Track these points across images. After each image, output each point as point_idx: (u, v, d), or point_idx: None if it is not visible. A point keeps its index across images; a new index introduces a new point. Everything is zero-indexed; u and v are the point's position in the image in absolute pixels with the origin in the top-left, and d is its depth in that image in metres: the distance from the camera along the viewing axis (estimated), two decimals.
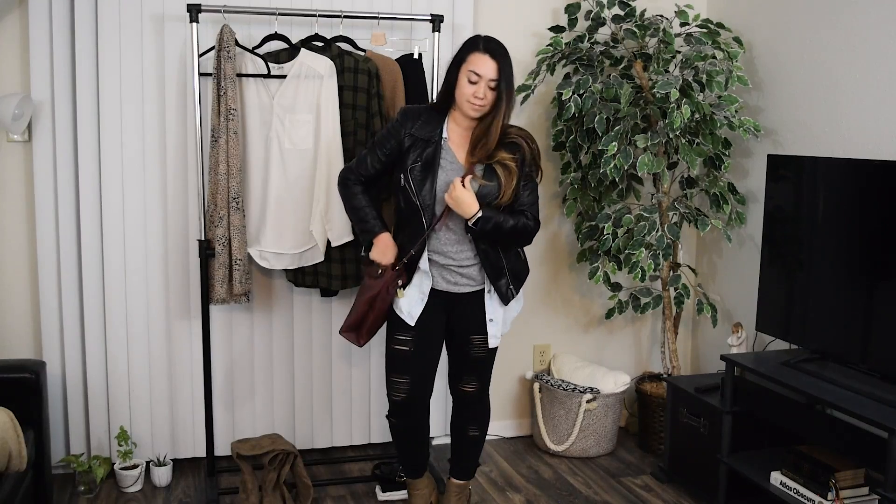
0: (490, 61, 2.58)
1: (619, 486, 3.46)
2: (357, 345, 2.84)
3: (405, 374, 2.78)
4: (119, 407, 3.39)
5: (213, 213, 3.11)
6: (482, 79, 2.58)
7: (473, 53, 2.60)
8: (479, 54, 2.59)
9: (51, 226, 3.26)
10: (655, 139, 3.33)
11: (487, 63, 2.57)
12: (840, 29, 3.18)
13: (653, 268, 3.46)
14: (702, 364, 4.07)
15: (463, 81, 2.60)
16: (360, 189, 2.77)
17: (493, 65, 2.58)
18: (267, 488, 3.06)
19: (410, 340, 2.76)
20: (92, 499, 3.25)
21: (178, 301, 3.39)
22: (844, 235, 2.87)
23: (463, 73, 2.60)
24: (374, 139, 2.81)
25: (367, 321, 2.79)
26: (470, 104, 2.61)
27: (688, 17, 3.51)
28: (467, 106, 2.61)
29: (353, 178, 2.78)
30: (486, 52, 2.59)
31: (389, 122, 2.78)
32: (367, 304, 2.76)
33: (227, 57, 3.02)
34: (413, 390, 2.80)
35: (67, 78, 3.20)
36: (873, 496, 2.77)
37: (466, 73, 2.59)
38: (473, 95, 2.59)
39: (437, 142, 2.68)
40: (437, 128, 2.69)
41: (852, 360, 2.87)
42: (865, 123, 3.08)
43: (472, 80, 2.59)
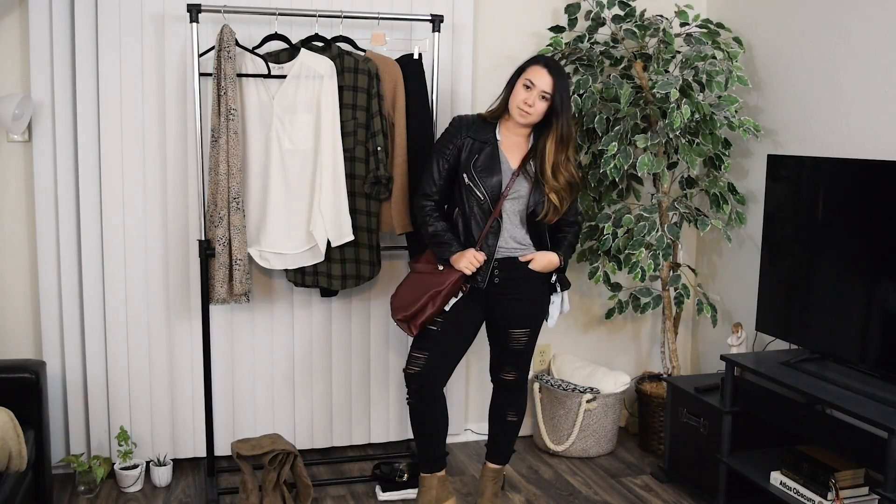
0: (546, 75, 2.79)
1: (619, 486, 3.46)
2: (410, 334, 2.93)
3: (425, 350, 2.92)
4: (119, 407, 3.39)
5: (213, 212, 3.11)
6: (535, 87, 2.79)
7: (533, 66, 2.83)
8: (539, 67, 2.81)
9: (51, 226, 3.26)
10: (655, 139, 3.33)
11: (544, 75, 2.79)
12: (840, 29, 3.18)
13: (653, 268, 3.46)
14: (702, 364, 4.07)
15: (518, 89, 2.82)
16: (436, 214, 2.92)
17: (548, 78, 2.79)
18: (267, 488, 3.06)
19: (441, 322, 2.90)
20: (92, 499, 3.25)
21: (178, 301, 3.39)
22: (844, 235, 2.87)
23: (520, 82, 2.83)
24: (432, 154, 2.95)
25: (425, 314, 2.88)
26: (519, 110, 2.81)
27: (688, 17, 3.51)
28: (517, 112, 2.82)
29: (430, 202, 2.93)
30: (545, 67, 2.81)
31: (444, 133, 2.94)
32: (430, 298, 2.87)
33: (228, 57, 3.02)
34: (427, 367, 2.91)
35: (67, 78, 3.20)
36: (873, 496, 2.77)
37: (523, 81, 2.82)
38: (524, 101, 2.79)
39: (493, 143, 2.88)
40: (491, 132, 2.90)
41: (852, 360, 2.87)
42: (865, 123, 3.08)
43: (526, 86, 2.80)
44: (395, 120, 3.27)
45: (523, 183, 2.88)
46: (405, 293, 2.94)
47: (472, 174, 2.85)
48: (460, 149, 2.88)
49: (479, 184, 2.85)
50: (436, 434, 3.04)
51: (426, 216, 2.92)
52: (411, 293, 2.91)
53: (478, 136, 2.88)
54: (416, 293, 2.90)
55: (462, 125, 2.90)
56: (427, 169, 2.93)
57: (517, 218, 2.89)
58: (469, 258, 2.84)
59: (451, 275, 2.86)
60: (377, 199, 3.30)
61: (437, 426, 3.04)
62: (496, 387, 3.13)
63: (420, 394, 2.95)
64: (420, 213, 2.94)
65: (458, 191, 2.90)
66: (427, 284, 2.89)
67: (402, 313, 2.91)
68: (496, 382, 3.12)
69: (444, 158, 2.89)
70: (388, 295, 3.60)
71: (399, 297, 2.95)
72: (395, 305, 2.95)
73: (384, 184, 3.25)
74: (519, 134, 2.90)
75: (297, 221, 3.23)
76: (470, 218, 2.88)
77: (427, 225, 2.92)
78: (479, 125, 2.90)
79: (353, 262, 3.31)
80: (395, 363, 3.68)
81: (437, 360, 2.93)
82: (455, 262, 2.86)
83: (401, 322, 2.92)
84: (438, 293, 2.86)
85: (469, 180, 2.86)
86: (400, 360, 3.68)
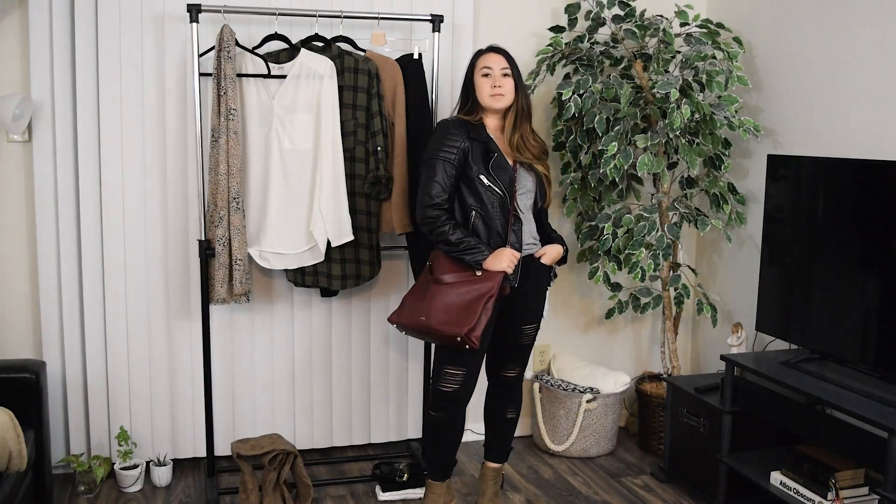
0: (496, 55, 2.90)
1: (619, 486, 3.46)
2: (475, 347, 2.76)
3: (462, 367, 2.85)
4: (119, 407, 3.39)
5: (213, 212, 3.11)
6: (494, 69, 2.86)
7: (480, 56, 2.91)
8: (486, 54, 2.91)
9: (51, 226, 3.26)
10: (655, 139, 3.33)
11: (495, 57, 2.89)
12: (840, 29, 3.18)
13: (653, 268, 3.46)
14: (702, 364, 4.07)
15: (480, 81, 2.87)
16: (451, 223, 2.80)
17: (499, 57, 2.89)
18: (267, 488, 3.06)
19: None
20: (92, 499, 3.25)
21: (178, 301, 3.39)
22: (844, 235, 2.87)
23: (476, 75, 2.88)
24: (428, 162, 2.82)
25: (482, 324, 2.76)
26: (492, 97, 2.85)
27: (688, 17, 3.51)
28: (490, 99, 2.86)
29: (440, 212, 2.79)
30: (490, 51, 2.92)
31: (439, 139, 2.84)
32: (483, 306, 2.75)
33: (228, 57, 3.02)
34: (464, 385, 2.86)
35: (67, 78, 3.20)
36: (873, 496, 2.77)
37: (480, 72, 2.88)
38: (492, 86, 2.84)
39: (492, 142, 2.88)
40: (483, 131, 2.88)
41: (852, 360, 2.87)
42: (865, 123, 3.08)
43: (485, 74, 2.86)
44: (395, 120, 3.28)
45: (525, 175, 2.89)
46: (450, 307, 2.77)
47: (490, 174, 2.81)
48: (465, 152, 2.81)
49: (497, 181, 2.82)
50: (455, 445, 3.02)
51: (442, 225, 2.78)
52: (458, 304, 2.76)
53: (478, 137, 2.84)
54: (465, 301, 2.76)
55: (459, 128, 2.84)
56: (431, 177, 2.80)
57: (529, 212, 2.92)
58: (508, 257, 2.78)
59: (495, 277, 2.77)
60: (377, 199, 3.30)
61: (458, 438, 3.01)
62: (495, 385, 3.10)
63: (451, 410, 2.90)
64: (432, 223, 2.80)
65: (471, 194, 2.83)
66: (472, 291, 2.78)
67: (466, 326, 2.72)
68: (496, 380, 3.09)
69: (451, 164, 2.80)
70: (388, 295, 3.61)
71: (441, 315, 2.77)
72: (446, 320, 2.75)
73: (384, 184, 3.25)
74: (498, 129, 2.92)
75: (297, 221, 3.23)
76: (493, 218, 2.82)
77: (447, 234, 2.78)
78: (471, 127, 2.86)
79: (353, 262, 3.31)
80: (395, 363, 3.68)
81: (472, 377, 2.88)
82: (494, 264, 2.77)
83: (465, 337, 2.72)
84: (490, 297, 2.76)
85: (489, 180, 2.81)
86: (400, 360, 3.68)
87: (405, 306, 2.91)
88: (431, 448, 3.03)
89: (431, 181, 2.80)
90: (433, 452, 3.03)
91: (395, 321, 2.91)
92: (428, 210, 2.80)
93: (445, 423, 2.93)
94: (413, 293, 2.92)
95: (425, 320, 2.78)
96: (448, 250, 2.81)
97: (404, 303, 2.93)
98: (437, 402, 2.90)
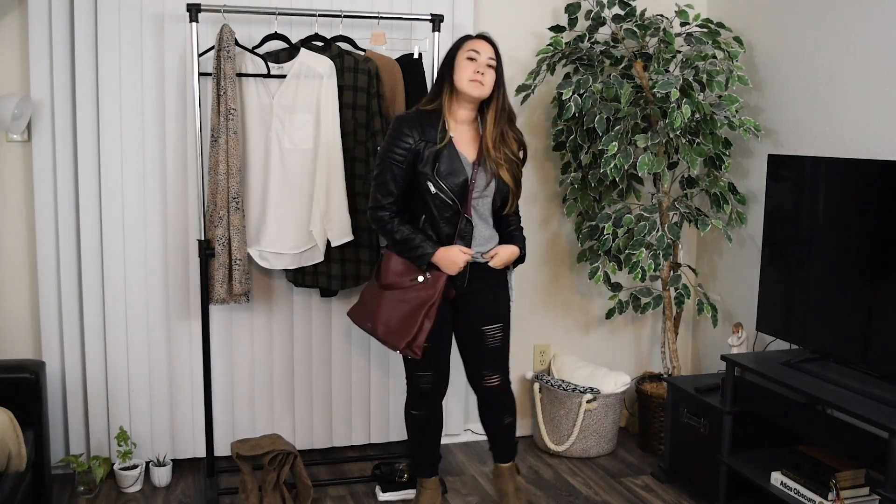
0: (487, 44, 2.76)
1: (619, 486, 3.46)
2: (417, 357, 2.78)
3: (428, 369, 2.91)
4: (119, 407, 3.38)
5: (212, 212, 3.11)
6: (481, 55, 2.72)
7: (471, 40, 2.78)
8: (477, 39, 2.78)
9: (51, 226, 3.25)
10: (655, 139, 3.33)
11: (485, 45, 2.76)
12: (840, 29, 3.18)
13: (653, 268, 3.46)
14: (702, 364, 4.07)
15: (462, 64, 2.72)
16: (397, 220, 2.76)
17: (489, 47, 2.76)
18: (267, 488, 3.06)
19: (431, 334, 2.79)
20: (92, 499, 3.25)
21: (178, 301, 3.39)
22: (844, 235, 2.87)
23: (460, 57, 2.73)
24: (380, 161, 2.77)
25: (424, 332, 2.75)
26: (471, 83, 2.71)
27: (688, 16, 3.51)
28: (469, 84, 2.71)
29: (388, 212, 2.75)
30: (483, 39, 2.78)
31: (390, 137, 2.75)
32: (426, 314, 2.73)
33: (227, 57, 3.02)
34: (434, 383, 2.94)
35: (67, 78, 3.20)
36: (874, 496, 2.77)
37: (465, 53, 2.73)
38: (474, 72, 2.70)
39: (447, 141, 2.74)
40: (440, 129, 2.75)
41: (852, 360, 2.87)
42: (865, 123, 3.08)
43: (470, 58, 2.72)
44: None
45: (483, 177, 2.78)
46: (391, 315, 2.76)
47: (436, 181, 2.71)
48: (416, 154, 2.71)
49: (445, 189, 2.71)
50: (438, 439, 3.09)
51: (386, 224, 2.74)
52: (399, 313, 2.75)
53: (429, 137, 2.71)
54: (405, 312, 2.75)
55: (408, 127, 2.72)
56: (379, 180, 2.74)
57: (486, 215, 2.83)
58: (455, 255, 2.73)
59: (437, 281, 2.74)
60: None
61: (439, 433, 3.09)
62: (482, 396, 2.99)
63: (430, 408, 2.99)
64: (379, 224, 2.76)
65: (420, 198, 2.75)
66: (414, 299, 2.75)
67: (405, 339, 2.73)
68: (481, 392, 2.98)
69: (398, 166, 2.71)
70: None
71: (384, 322, 2.77)
72: (387, 330, 2.76)
73: None
74: (466, 121, 2.80)
75: (297, 221, 3.22)
76: (440, 223, 2.75)
77: (393, 233, 2.74)
78: (425, 122, 2.73)
79: (353, 262, 3.31)
80: (395, 363, 3.68)
81: (442, 374, 2.95)
82: (440, 262, 2.73)
83: (405, 349, 2.75)
84: (432, 305, 2.73)
85: (436, 188, 2.71)
86: (400, 360, 3.66)
87: (360, 303, 2.92)
88: (417, 445, 3.07)
89: (381, 183, 2.74)
90: (419, 450, 3.07)
91: (350, 316, 2.95)
92: (376, 212, 2.77)
93: (426, 420, 3.00)
94: (369, 290, 2.91)
95: (371, 327, 2.83)
96: (396, 249, 2.79)
97: (361, 298, 2.93)
98: (416, 402, 2.98)
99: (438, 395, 2.98)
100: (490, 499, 3.31)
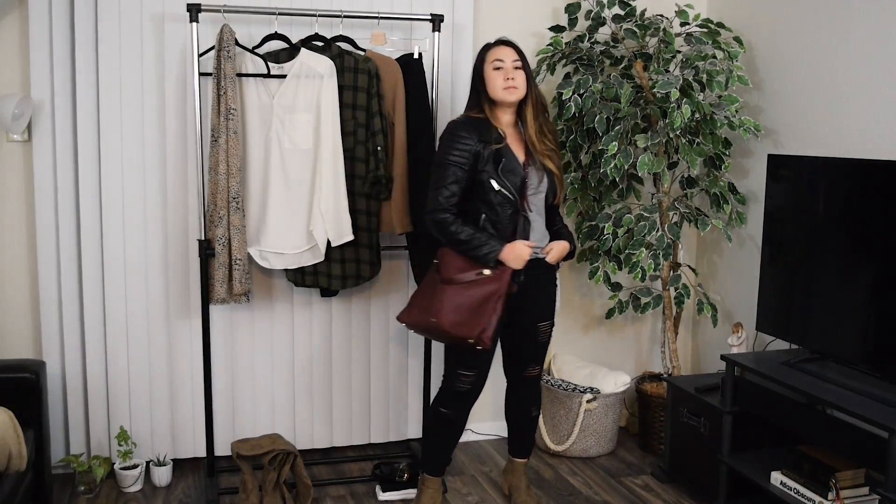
0: (507, 47, 2.86)
1: (619, 486, 3.46)
2: (486, 348, 2.79)
3: (474, 367, 2.91)
4: (119, 407, 3.38)
5: (213, 212, 3.11)
6: (505, 62, 2.82)
7: (491, 49, 2.87)
8: (497, 47, 2.87)
9: (51, 226, 3.25)
10: (655, 139, 3.33)
11: (506, 49, 2.85)
12: (840, 29, 3.18)
13: (653, 268, 3.46)
14: (702, 364, 4.07)
15: (491, 75, 2.83)
16: (460, 221, 2.79)
17: (510, 49, 2.86)
18: (267, 488, 3.06)
19: None
20: (92, 499, 3.25)
21: (178, 301, 3.39)
22: (845, 235, 2.87)
23: (488, 70, 2.84)
24: (438, 166, 2.80)
25: (493, 324, 2.76)
26: (505, 90, 2.81)
27: (688, 16, 3.51)
28: (504, 93, 2.82)
29: (449, 214, 2.78)
30: (502, 44, 2.88)
31: (448, 141, 2.80)
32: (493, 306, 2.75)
33: (227, 56, 3.02)
34: (476, 384, 2.94)
35: (67, 78, 3.20)
36: (873, 496, 2.77)
37: (491, 65, 2.84)
38: (504, 79, 2.81)
39: (503, 142, 2.83)
40: (494, 131, 2.83)
41: (852, 360, 2.87)
42: (865, 123, 3.08)
43: (497, 67, 2.82)
44: (395, 119, 3.27)
45: (535, 174, 2.87)
46: (459, 309, 2.76)
47: (500, 178, 2.78)
48: (475, 155, 2.78)
49: (508, 185, 2.79)
50: (455, 443, 3.09)
51: (449, 225, 2.77)
52: (465, 306, 2.76)
53: (486, 139, 2.79)
54: (471, 305, 2.76)
55: (465, 130, 2.80)
56: (440, 183, 2.78)
57: (541, 211, 2.92)
58: (520, 250, 2.78)
59: (503, 276, 2.77)
60: (377, 199, 3.29)
61: (459, 436, 3.09)
62: (516, 385, 3.11)
63: (460, 409, 2.98)
64: (441, 226, 2.78)
65: (480, 197, 2.81)
66: (480, 293, 2.77)
67: (476, 329, 2.74)
68: (518, 381, 3.09)
69: (460, 168, 2.77)
70: (388, 295, 3.61)
71: (451, 316, 2.76)
72: (456, 322, 2.75)
73: (384, 184, 3.25)
74: (511, 125, 2.89)
75: (297, 221, 3.22)
76: (503, 221, 2.81)
77: (457, 234, 2.77)
78: (480, 126, 2.82)
79: (353, 261, 3.31)
80: (395, 363, 3.68)
81: (484, 376, 2.95)
82: (506, 258, 2.76)
83: (476, 340, 2.75)
84: (500, 297, 2.76)
85: (499, 184, 2.78)
86: (400, 360, 3.68)
87: (414, 305, 2.90)
88: (434, 444, 3.06)
89: (442, 186, 2.78)
90: (435, 448, 3.06)
91: (404, 320, 2.91)
92: (437, 214, 2.79)
93: (453, 421, 2.99)
94: (422, 292, 2.91)
95: (435, 321, 2.78)
96: (460, 249, 2.80)
97: (413, 302, 2.92)
98: (449, 401, 2.96)
99: (474, 397, 2.97)
100: (490, 499, 3.31)
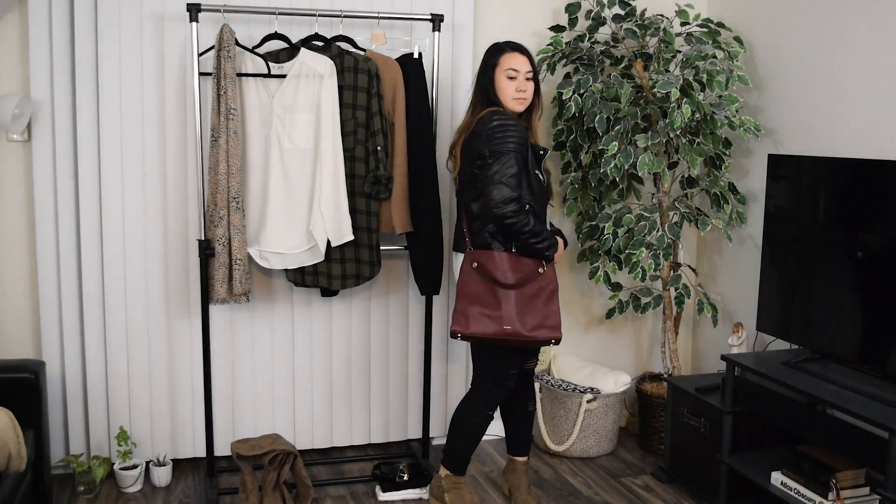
0: (521, 56, 2.85)
1: (619, 486, 3.46)
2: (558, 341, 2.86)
3: (515, 365, 2.96)
4: (119, 407, 3.38)
5: (213, 212, 3.11)
6: (520, 73, 2.83)
7: (505, 55, 2.85)
8: (510, 53, 2.85)
9: (50, 226, 3.25)
10: (656, 139, 3.33)
11: (520, 59, 2.85)
12: (840, 29, 3.18)
13: (653, 267, 3.46)
14: (702, 364, 4.07)
15: (503, 82, 2.84)
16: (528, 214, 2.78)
17: (524, 59, 2.85)
18: (267, 488, 3.06)
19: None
20: (92, 499, 3.25)
21: (178, 301, 3.39)
22: (844, 235, 2.87)
23: (500, 75, 2.84)
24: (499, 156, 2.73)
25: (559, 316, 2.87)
26: (515, 100, 2.84)
27: (688, 16, 3.51)
28: (514, 103, 2.85)
29: (518, 204, 2.73)
30: (515, 51, 2.86)
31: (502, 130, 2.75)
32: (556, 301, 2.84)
33: (227, 56, 3.02)
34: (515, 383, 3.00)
35: (67, 78, 3.19)
36: (874, 496, 2.77)
37: (504, 73, 2.83)
38: (517, 90, 2.83)
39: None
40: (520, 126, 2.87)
41: (852, 360, 2.87)
42: (865, 123, 3.08)
43: (510, 77, 2.82)
44: (395, 119, 3.27)
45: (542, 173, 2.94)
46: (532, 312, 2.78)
47: (541, 170, 2.87)
48: (526, 146, 2.80)
49: (544, 178, 2.88)
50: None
51: (520, 216, 2.73)
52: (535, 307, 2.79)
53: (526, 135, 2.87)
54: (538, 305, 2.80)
55: (511, 119, 2.80)
56: (503, 173, 2.71)
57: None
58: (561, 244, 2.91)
59: (552, 268, 2.86)
60: (377, 199, 3.29)
61: None
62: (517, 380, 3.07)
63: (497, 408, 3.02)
64: (511, 218, 2.72)
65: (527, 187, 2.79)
66: (539, 290, 2.81)
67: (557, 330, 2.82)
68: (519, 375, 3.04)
69: (521, 155, 2.76)
70: (388, 295, 3.61)
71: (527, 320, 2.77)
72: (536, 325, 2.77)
73: (384, 183, 3.25)
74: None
75: (297, 221, 3.22)
76: (540, 214, 2.85)
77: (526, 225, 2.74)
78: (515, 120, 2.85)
79: (353, 261, 3.30)
80: (395, 363, 3.68)
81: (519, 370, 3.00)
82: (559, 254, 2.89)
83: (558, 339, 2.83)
84: (555, 290, 2.85)
85: (544, 176, 2.88)
86: (400, 360, 3.68)
87: (470, 315, 2.80)
88: (468, 445, 3.06)
89: (508, 175, 2.72)
90: (470, 449, 3.07)
91: (462, 332, 2.81)
92: (508, 204, 2.71)
93: (488, 420, 3.02)
94: (476, 300, 2.81)
95: (511, 329, 2.77)
96: (523, 241, 2.77)
97: (467, 311, 2.81)
98: (496, 402, 2.99)
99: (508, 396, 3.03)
100: (490, 499, 3.31)
